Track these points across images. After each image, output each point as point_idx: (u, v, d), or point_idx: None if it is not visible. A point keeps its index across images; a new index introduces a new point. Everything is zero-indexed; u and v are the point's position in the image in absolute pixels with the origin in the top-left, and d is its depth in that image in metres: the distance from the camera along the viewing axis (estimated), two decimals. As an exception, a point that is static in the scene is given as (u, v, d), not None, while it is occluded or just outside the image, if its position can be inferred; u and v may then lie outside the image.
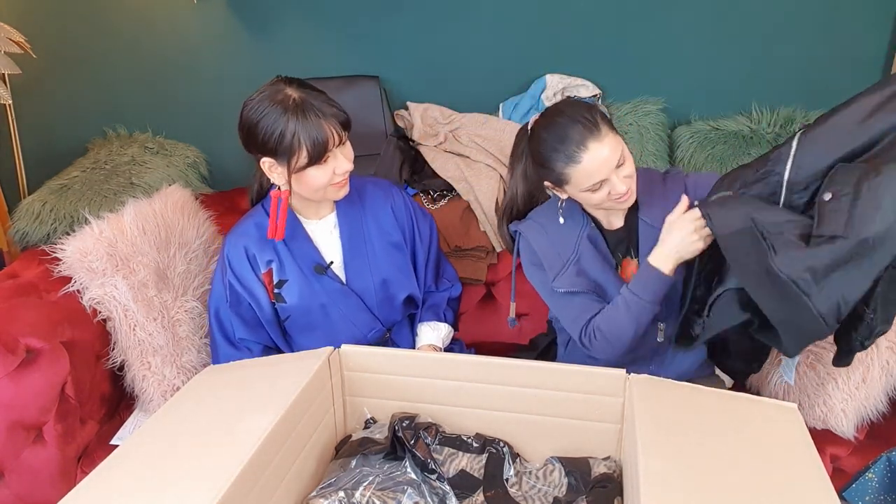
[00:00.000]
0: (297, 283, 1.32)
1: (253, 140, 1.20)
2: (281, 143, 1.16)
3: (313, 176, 1.20)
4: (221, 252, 1.35)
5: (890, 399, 1.46)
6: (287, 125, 1.15)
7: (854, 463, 1.40)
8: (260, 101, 1.18)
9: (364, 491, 0.93)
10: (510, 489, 1.00)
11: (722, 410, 0.93)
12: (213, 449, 0.85)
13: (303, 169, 1.19)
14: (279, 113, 1.16)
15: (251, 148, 1.22)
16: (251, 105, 1.19)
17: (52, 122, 2.33)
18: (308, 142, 1.16)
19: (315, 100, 1.18)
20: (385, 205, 1.40)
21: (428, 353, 1.27)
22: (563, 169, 1.16)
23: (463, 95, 2.16)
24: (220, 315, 1.36)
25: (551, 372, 1.03)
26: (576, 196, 1.23)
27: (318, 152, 1.17)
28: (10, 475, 1.32)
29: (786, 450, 0.85)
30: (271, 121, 1.16)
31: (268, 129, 1.16)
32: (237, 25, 2.18)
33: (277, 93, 1.17)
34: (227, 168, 2.33)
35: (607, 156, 1.14)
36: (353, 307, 1.35)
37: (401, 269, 1.39)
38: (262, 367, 1.14)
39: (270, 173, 1.23)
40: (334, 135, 1.18)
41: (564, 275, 1.27)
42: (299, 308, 1.33)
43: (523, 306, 1.94)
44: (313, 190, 1.23)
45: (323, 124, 1.16)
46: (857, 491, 1.35)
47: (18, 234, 1.93)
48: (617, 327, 1.22)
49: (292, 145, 1.16)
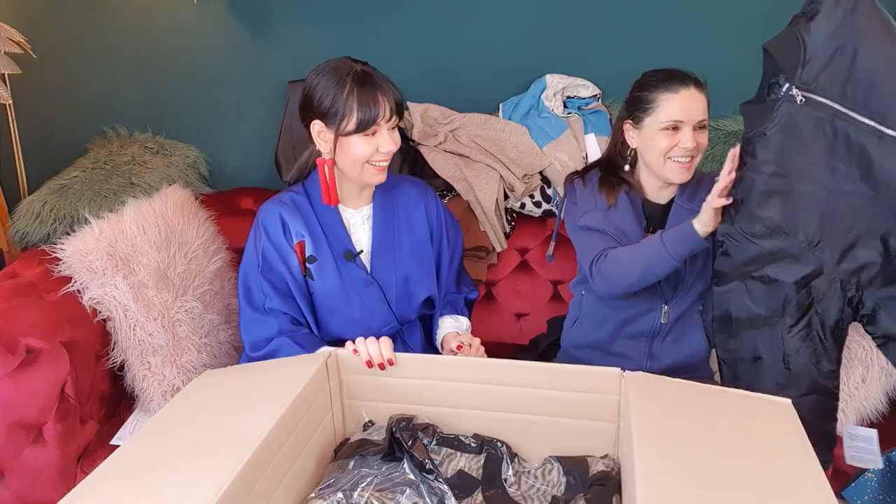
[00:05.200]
0: (326, 264, 1.34)
1: (309, 102, 1.25)
2: (334, 104, 1.22)
3: (357, 146, 1.24)
4: (256, 220, 1.36)
5: (889, 399, 1.46)
6: (343, 90, 1.21)
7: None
8: (325, 68, 1.25)
9: (362, 492, 0.93)
10: (509, 489, 1.00)
11: (717, 406, 0.94)
12: (212, 450, 0.86)
13: (349, 134, 1.23)
14: (339, 78, 1.22)
15: (305, 112, 1.28)
16: (316, 70, 1.26)
17: (52, 122, 2.33)
18: (360, 108, 1.21)
19: (377, 75, 1.25)
20: (419, 203, 1.43)
21: (426, 355, 1.27)
22: (658, 94, 1.33)
23: (463, 95, 2.15)
24: (248, 282, 1.36)
25: (547, 372, 1.03)
26: (648, 139, 1.36)
27: (368, 120, 1.22)
28: (10, 475, 1.33)
29: (781, 444, 0.85)
30: (331, 84, 1.22)
31: (325, 91, 1.23)
32: (237, 25, 2.18)
33: (342, 64, 1.25)
34: (227, 168, 2.33)
35: (697, 105, 1.32)
36: (374, 299, 1.36)
37: (424, 268, 1.41)
38: (261, 370, 1.14)
39: (318, 139, 1.28)
40: (386, 109, 1.23)
41: (593, 214, 1.41)
42: (323, 289, 1.34)
43: (523, 306, 1.95)
44: (353, 162, 1.26)
45: (378, 96, 1.22)
46: (857, 490, 1.35)
47: (18, 234, 1.93)
48: (627, 263, 1.32)
49: (345, 108, 1.21)
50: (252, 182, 2.26)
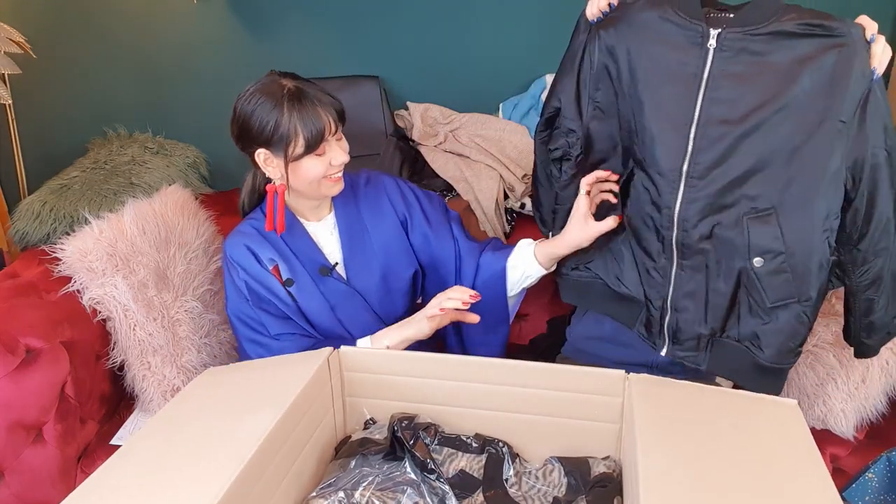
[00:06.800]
0: (304, 284, 1.30)
1: (247, 132, 1.19)
2: (276, 131, 1.16)
3: (309, 166, 1.20)
4: (225, 259, 1.31)
5: (889, 399, 1.46)
6: (283, 113, 1.15)
7: (854, 463, 1.40)
8: (253, 92, 1.18)
9: (364, 491, 0.93)
10: (510, 489, 1.00)
11: (721, 408, 0.93)
12: (213, 449, 0.86)
13: (299, 158, 1.19)
14: (274, 102, 1.16)
15: (245, 141, 1.22)
16: (245, 97, 1.19)
17: (52, 121, 2.33)
18: (304, 129, 1.16)
19: (310, 89, 1.18)
20: (379, 195, 1.38)
21: (428, 353, 1.27)
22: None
23: (463, 95, 2.16)
24: (243, 318, 1.31)
25: (550, 372, 1.03)
26: None
27: (314, 139, 1.17)
28: (10, 475, 1.32)
29: (786, 447, 0.84)
30: (267, 110, 1.16)
31: (263, 118, 1.16)
32: (237, 25, 2.18)
33: (272, 83, 1.18)
34: (227, 168, 2.33)
35: None
36: (358, 308, 1.34)
37: (401, 250, 1.37)
38: (261, 368, 1.14)
39: (266, 166, 1.23)
40: (330, 123, 1.18)
41: None
42: (308, 308, 1.31)
43: (523, 306, 1.94)
44: (308, 182, 1.23)
45: (319, 111, 1.17)
46: (857, 491, 1.35)
47: (18, 234, 1.93)
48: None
49: (289, 133, 1.16)
50: (252, 182, 2.26)
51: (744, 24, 1.06)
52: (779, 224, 1.10)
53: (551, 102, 1.31)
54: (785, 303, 1.13)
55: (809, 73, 1.03)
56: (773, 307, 1.14)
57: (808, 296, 1.13)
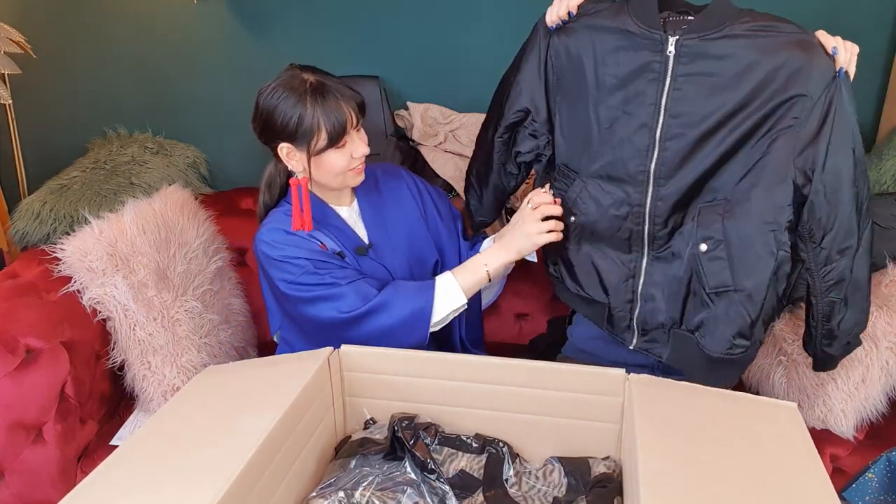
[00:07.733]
0: (349, 260, 1.29)
1: (271, 127, 1.20)
2: (300, 125, 1.18)
3: (332, 160, 1.22)
4: (261, 255, 1.25)
5: (889, 399, 1.46)
6: (306, 107, 1.17)
7: (854, 463, 1.40)
8: (276, 87, 1.20)
9: (364, 491, 0.93)
10: (510, 489, 1.00)
11: (721, 409, 0.94)
12: (213, 449, 0.86)
13: (322, 152, 1.20)
14: (297, 96, 1.17)
15: (268, 136, 1.23)
16: (267, 92, 1.20)
17: (52, 122, 2.33)
18: (327, 123, 1.17)
19: (331, 82, 1.20)
20: (399, 184, 1.41)
21: (428, 353, 1.27)
22: None
23: (463, 95, 2.15)
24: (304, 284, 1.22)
25: (551, 372, 1.03)
26: None
27: (337, 133, 1.19)
28: (10, 475, 1.32)
29: (786, 449, 0.85)
30: (290, 104, 1.17)
31: (286, 113, 1.18)
32: (237, 25, 2.18)
33: (293, 78, 1.19)
34: (227, 168, 2.33)
35: None
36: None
37: (424, 237, 1.39)
38: (261, 368, 1.14)
39: (289, 160, 1.24)
40: (352, 116, 1.20)
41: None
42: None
43: (523, 307, 1.94)
44: (332, 175, 1.24)
45: (341, 105, 1.18)
46: (857, 491, 1.35)
47: (18, 234, 1.92)
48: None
49: (312, 127, 1.18)
50: (252, 182, 2.24)
51: (699, 30, 1.10)
52: (723, 213, 1.15)
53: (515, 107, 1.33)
54: (721, 290, 1.17)
55: (764, 73, 1.07)
56: (711, 293, 1.18)
57: (743, 286, 1.16)
